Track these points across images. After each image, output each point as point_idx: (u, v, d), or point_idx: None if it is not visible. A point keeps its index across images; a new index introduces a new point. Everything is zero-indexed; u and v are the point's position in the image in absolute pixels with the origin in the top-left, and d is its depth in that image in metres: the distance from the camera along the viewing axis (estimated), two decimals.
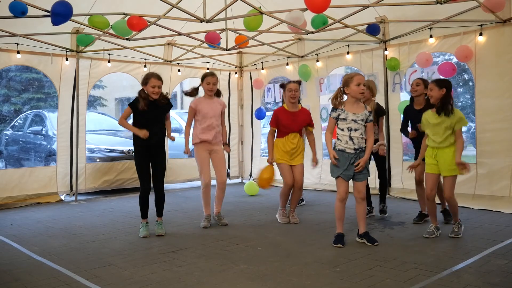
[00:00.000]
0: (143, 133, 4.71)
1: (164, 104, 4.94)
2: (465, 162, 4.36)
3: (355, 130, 4.27)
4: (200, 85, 5.41)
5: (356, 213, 4.49)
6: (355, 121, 4.27)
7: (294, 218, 5.49)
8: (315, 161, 5.45)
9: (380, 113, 5.51)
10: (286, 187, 5.41)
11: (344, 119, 4.28)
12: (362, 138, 4.29)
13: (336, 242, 4.33)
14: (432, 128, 4.50)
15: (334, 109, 4.35)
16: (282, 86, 5.56)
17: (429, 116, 4.53)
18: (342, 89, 4.34)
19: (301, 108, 5.48)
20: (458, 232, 4.54)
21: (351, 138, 4.26)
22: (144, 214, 4.97)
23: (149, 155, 4.89)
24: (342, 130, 4.30)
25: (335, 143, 4.38)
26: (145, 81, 4.82)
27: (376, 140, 5.32)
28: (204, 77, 5.34)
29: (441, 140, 4.42)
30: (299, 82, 5.49)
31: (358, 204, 4.41)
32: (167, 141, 5.73)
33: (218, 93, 5.45)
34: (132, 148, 4.97)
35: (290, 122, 5.30)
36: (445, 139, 4.41)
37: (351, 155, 4.28)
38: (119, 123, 4.92)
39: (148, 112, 4.80)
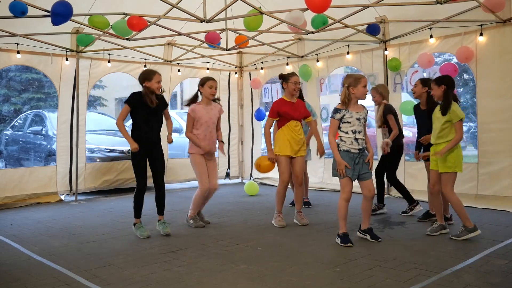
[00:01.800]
0: (134, 147, 4.71)
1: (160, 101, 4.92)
2: (438, 154, 4.37)
3: (359, 132, 4.33)
4: (199, 90, 5.32)
5: (362, 210, 4.54)
6: (359, 120, 4.33)
7: (303, 219, 5.34)
8: (321, 151, 5.41)
9: (386, 112, 5.64)
10: (282, 184, 5.22)
11: (349, 122, 4.32)
12: (363, 139, 4.36)
13: (345, 242, 4.32)
14: (434, 124, 4.56)
15: (338, 110, 4.36)
16: (282, 77, 5.35)
17: (435, 111, 4.58)
18: (348, 89, 4.34)
19: (297, 100, 5.36)
20: (460, 235, 4.45)
21: (356, 139, 4.32)
22: (138, 213, 4.92)
23: (146, 152, 4.85)
24: (347, 133, 4.33)
25: (338, 145, 4.38)
26: (149, 76, 4.80)
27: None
28: (205, 81, 5.24)
29: (436, 137, 4.49)
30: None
31: (366, 202, 4.47)
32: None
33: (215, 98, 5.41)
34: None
35: (291, 110, 5.19)
36: (440, 136, 4.45)
37: (356, 155, 4.33)
38: (117, 124, 4.82)
39: (149, 108, 4.80)
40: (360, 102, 4.45)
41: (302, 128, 5.32)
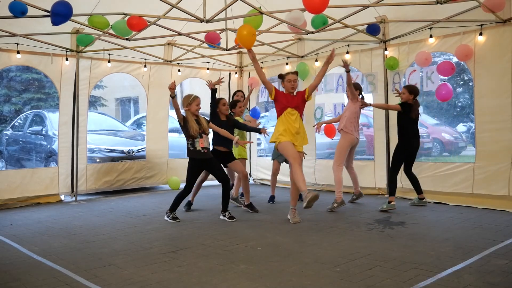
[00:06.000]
0: None
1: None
2: None
3: None
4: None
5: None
6: None
7: (295, 217, 5.43)
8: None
9: None
10: (295, 165, 5.13)
11: None
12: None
13: None
14: None
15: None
16: (281, 76, 5.59)
17: None
18: None
19: (297, 93, 5.51)
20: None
21: None
22: None
23: None
24: None
25: None
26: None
27: None
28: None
29: None
30: (296, 73, 5.57)
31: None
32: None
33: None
34: (133, 148, 4.93)
35: (288, 99, 5.37)
36: None
37: None
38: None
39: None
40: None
41: (299, 119, 5.37)
